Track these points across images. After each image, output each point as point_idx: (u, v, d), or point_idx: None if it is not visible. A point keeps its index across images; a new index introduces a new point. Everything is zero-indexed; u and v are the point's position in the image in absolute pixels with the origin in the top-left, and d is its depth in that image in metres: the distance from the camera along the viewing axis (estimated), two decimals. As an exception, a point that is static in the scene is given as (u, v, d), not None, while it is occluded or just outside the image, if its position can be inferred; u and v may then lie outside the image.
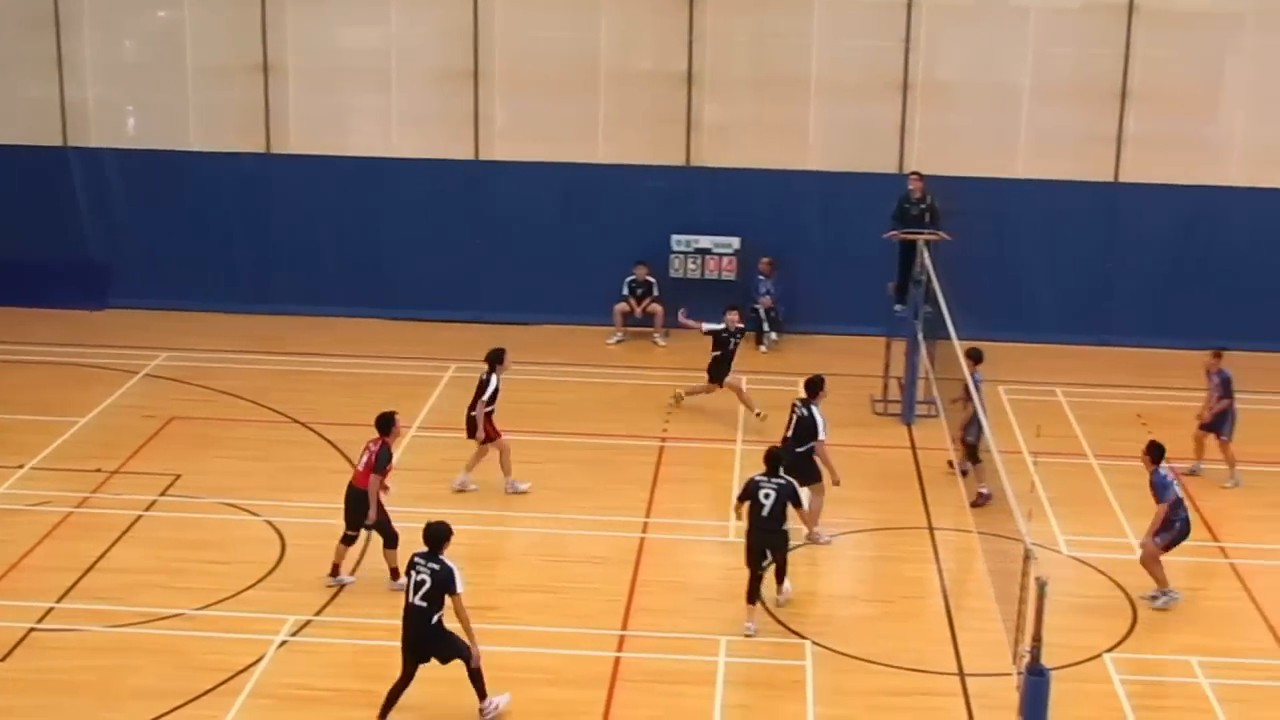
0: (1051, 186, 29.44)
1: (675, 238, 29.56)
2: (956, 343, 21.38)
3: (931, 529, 21.11)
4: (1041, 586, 13.92)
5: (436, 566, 15.75)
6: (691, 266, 29.61)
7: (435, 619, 15.76)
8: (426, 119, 30.11)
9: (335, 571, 19.03)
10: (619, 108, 29.91)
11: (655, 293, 29.35)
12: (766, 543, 18.27)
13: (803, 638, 18.06)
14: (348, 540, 19.01)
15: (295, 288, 30.21)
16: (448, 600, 15.74)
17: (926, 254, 24.70)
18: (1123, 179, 29.43)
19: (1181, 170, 29.40)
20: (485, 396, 21.61)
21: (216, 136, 30.21)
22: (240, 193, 30.28)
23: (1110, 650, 17.95)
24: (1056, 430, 24.38)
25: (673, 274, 29.56)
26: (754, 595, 18.10)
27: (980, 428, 20.48)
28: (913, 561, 20.35)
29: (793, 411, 20.75)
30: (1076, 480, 22.91)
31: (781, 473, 18.36)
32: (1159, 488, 18.95)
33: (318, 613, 18.35)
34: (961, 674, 17.35)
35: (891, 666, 17.46)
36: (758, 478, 18.32)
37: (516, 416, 24.50)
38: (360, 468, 18.92)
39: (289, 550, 19.96)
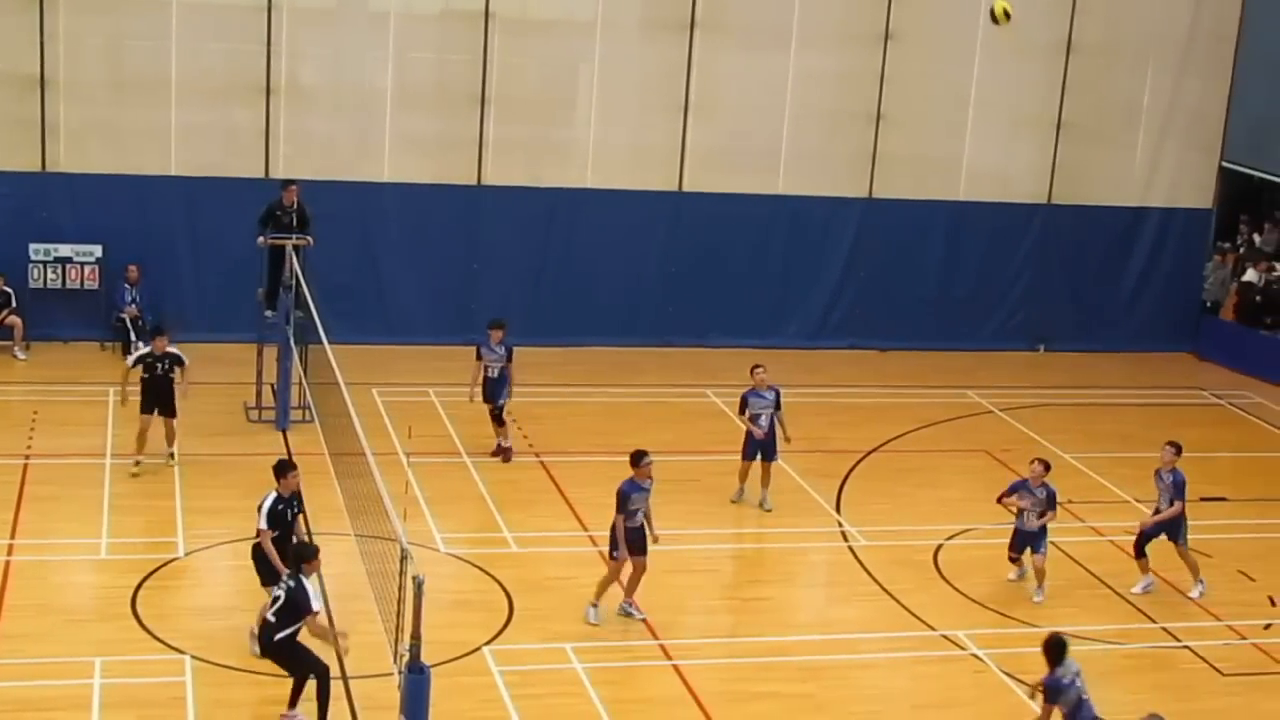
0: (416, 190, 29.92)
1: (34, 246, 28.35)
2: (329, 347, 21.45)
3: (310, 534, 20.97)
4: (419, 585, 14.18)
5: (293, 584, 16.04)
6: (52, 276, 28.46)
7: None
8: None
9: None
10: (-33, 112, 28.48)
11: (13, 304, 28.08)
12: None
13: (181, 653, 17.74)
14: None
15: None
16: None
17: (296, 259, 24.67)
18: (485, 182, 30.23)
19: (539, 172, 30.47)
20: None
21: None
22: None
23: (489, 643, 18.46)
24: (430, 430, 24.84)
25: (33, 284, 28.33)
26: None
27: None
28: (292, 568, 20.28)
29: None
30: (451, 478, 23.43)
31: None
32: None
33: None
34: (345, 677, 17.38)
35: (274, 675, 17.28)
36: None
37: None
38: None
39: None
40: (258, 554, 17.95)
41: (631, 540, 19.17)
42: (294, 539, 17.79)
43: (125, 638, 18.02)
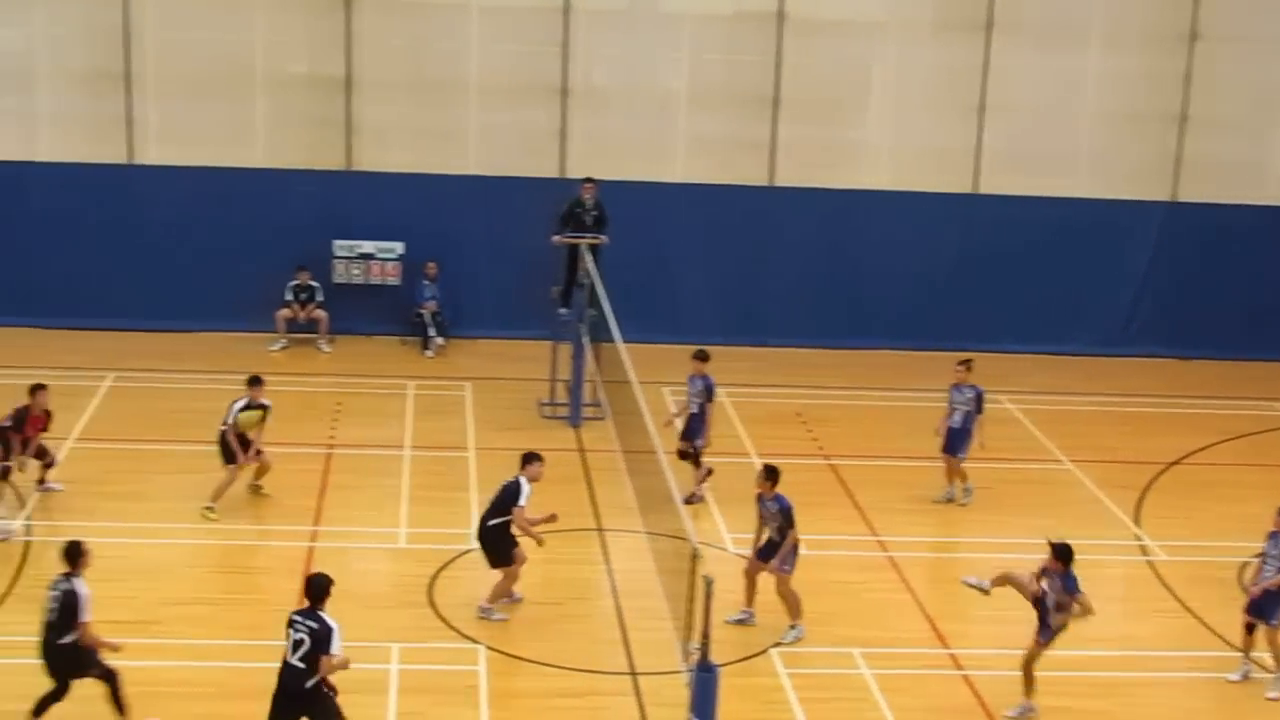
0: (708, 190, 30.03)
1: (338, 243, 29.23)
2: (621, 345, 21.63)
3: (601, 530, 21.31)
4: (708, 584, 14.18)
5: (315, 625, 14.92)
6: (355, 272, 29.31)
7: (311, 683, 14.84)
8: (75, 122, 29.09)
9: None
10: (276, 111, 29.44)
11: (319, 298, 28.97)
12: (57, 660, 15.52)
13: (475, 642, 18.04)
14: None
15: (-63, 296, 28.90)
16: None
17: (590, 258, 24.95)
18: (777, 183, 30.18)
19: (830, 174, 30.29)
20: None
21: None
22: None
23: (777, 645, 18.37)
24: (720, 430, 24.71)
25: (336, 280, 29.21)
26: None
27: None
28: (583, 563, 20.53)
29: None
30: (741, 479, 23.34)
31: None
32: (787, 513, 18.65)
33: (-38, 634, 17.65)
34: (633, 673, 17.54)
35: (563, 668, 17.56)
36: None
37: (177, 425, 24.08)
38: None
39: (-63, 570, 19.15)
40: (493, 536, 18.50)
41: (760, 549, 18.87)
42: None
43: (421, 625, 18.42)
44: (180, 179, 29.04)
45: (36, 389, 21.23)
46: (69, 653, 15.42)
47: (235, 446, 21.34)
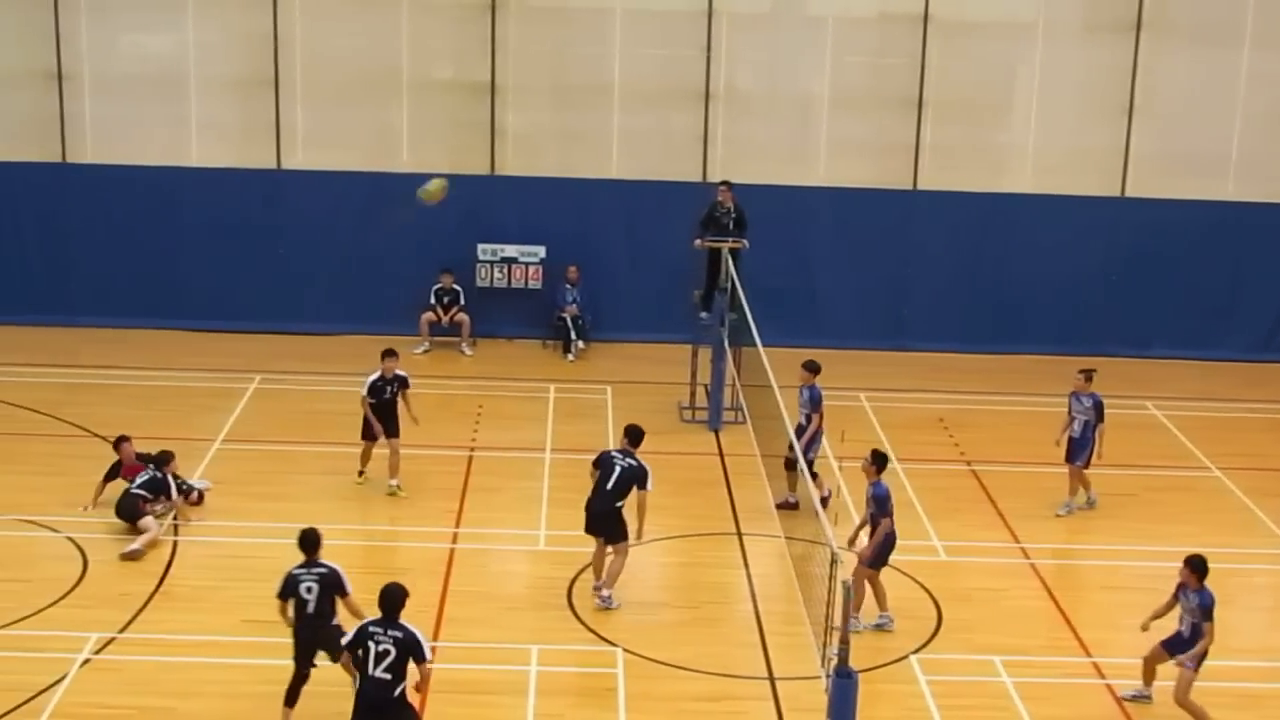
0: (850, 194, 29.87)
1: (481, 246, 29.49)
2: (761, 350, 21.60)
3: (740, 534, 21.28)
4: (848, 590, 14.13)
5: (400, 634, 14.79)
6: (498, 275, 29.56)
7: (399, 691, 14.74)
8: (227, 128, 29.66)
9: None
10: (421, 117, 29.77)
11: (462, 301, 29.25)
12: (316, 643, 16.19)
13: (613, 645, 18.09)
14: None
15: (91, 299, 29.51)
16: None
17: (731, 261, 24.96)
18: (921, 187, 29.96)
19: (975, 177, 30.01)
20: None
21: (9, 145, 29.39)
22: (34, 203, 29.49)
23: (916, 652, 18.23)
24: (860, 435, 24.61)
25: (479, 283, 29.48)
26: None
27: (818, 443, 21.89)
28: (721, 567, 20.52)
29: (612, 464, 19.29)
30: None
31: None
32: (879, 500, 18.68)
33: (121, 630, 17.97)
34: (771, 678, 17.50)
35: (701, 672, 17.56)
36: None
37: (321, 427, 24.41)
38: None
39: (91, 566, 19.51)
40: (618, 517, 18.91)
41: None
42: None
43: (561, 627, 18.51)
44: (327, 183, 29.50)
45: (119, 442, 21.46)
46: (336, 635, 15.79)
47: (370, 419, 22.15)
